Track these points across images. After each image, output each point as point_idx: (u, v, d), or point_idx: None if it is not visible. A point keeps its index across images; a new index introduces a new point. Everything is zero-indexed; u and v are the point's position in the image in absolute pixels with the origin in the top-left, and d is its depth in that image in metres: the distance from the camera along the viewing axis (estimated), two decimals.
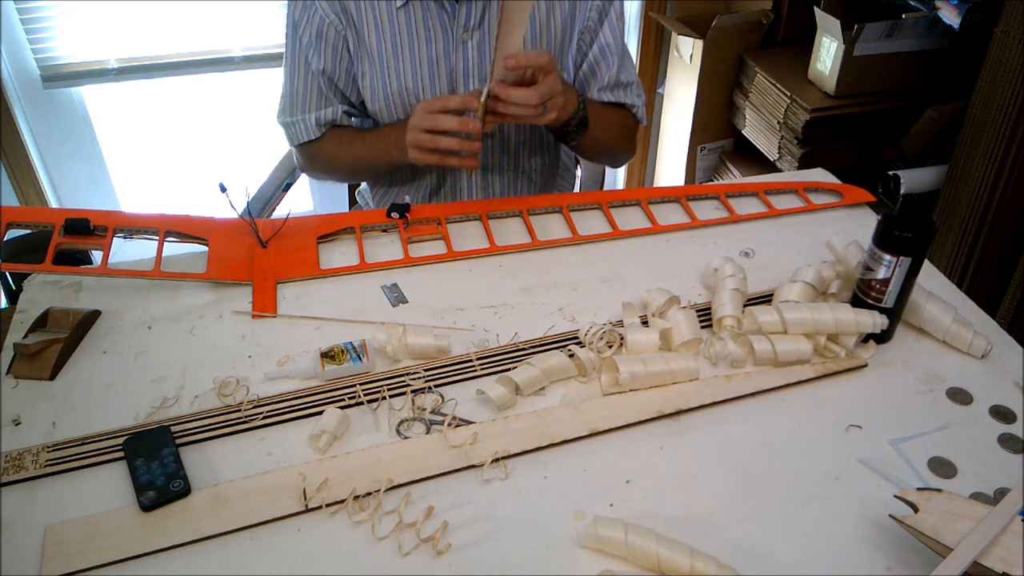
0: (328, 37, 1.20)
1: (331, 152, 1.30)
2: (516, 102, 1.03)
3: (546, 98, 1.04)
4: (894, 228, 0.89)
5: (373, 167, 1.29)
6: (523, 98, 1.02)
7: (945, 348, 0.99)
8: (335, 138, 1.29)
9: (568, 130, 1.19)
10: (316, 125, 1.27)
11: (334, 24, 1.19)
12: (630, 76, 1.31)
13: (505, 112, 1.05)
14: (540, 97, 1.03)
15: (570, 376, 0.93)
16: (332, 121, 1.27)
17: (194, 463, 0.82)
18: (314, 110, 1.26)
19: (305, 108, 1.26)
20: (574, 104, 1.16)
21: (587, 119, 1.19)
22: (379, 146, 1.23)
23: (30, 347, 0.92)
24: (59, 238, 1.04)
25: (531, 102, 1.02)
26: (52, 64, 2.08)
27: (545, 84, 1.03)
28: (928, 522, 0.69)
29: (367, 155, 1.26)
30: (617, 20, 1.27)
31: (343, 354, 0.93)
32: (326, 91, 1.25)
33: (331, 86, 1.25)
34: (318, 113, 1.26)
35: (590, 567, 0.73)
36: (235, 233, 1.13)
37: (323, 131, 1.28)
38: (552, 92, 1.05)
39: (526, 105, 1.03)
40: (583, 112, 1.18)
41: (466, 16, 1.18)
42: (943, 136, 1.94)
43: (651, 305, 1.01)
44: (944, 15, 1.85)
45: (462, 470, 0.82)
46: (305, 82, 1.25)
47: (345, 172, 1.34)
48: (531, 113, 1.05)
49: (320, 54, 1.21)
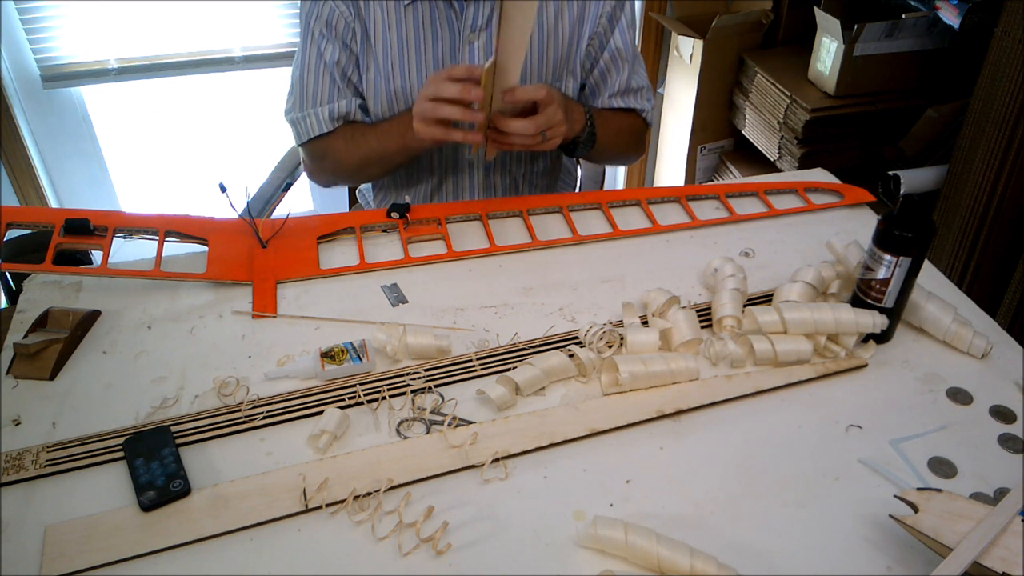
0: (338, 29, 1.19)
1: (341, 148, 1.26)
2: (513, 132, 1.05)
3: (543, 128, 1.06)
4: (894, 228, 0.89)
5: (384, 157, 1.24)
6: (521, 128, 1.04)
7: (945, 348, 0.99)
8: (346, 134, 1.25)
9: (576, 147, 1.20)
10: (329, 118, 1.23)
11: (344, 15, 1.19)
12: (641, 81, 1.31)
13: (506, 141, 1.07)
14: (537, 128, 1.05)
15: (570, 376, 0.93)
16: (346, 115, 1.24)
17: (194, 463, 0.82)
18: (327, 103, 1.23)
19: (317, 101, 1.23)
20: (581, 123, 1.16)
21: (595, 135, 1.20)
22: (392, 131, 1.20)
23: (30, 347, 0.92)
24: (59, 238, 1.04)
25: (528, 132, 1.05)
26: (52, 64, 2.08)
27: (543, 115, 1.05)
28: (928, 522, 0.69)
29: (379, 144, 1.22)
30: (628, 26, 1.27)
31: (343, 354, 0.93)
32: (339, 83, 1.23)
33: (344, 78, 1.23)
34: (331, 106, 1.23)
35: (590, 567, 0.73)
36: (235, 233, 1.13)
37: (336, 125, 1.24)
38: (551, 123, 1.06)
39: (523, 135, 1.05)
40: (591, 128, 1.19)
41: (473, 16, 1.18)
42: (943, 136, 1.94)
43: (651, 305, 1.01)
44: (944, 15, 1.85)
45: (462, 470, 0.82)
46: (317, 75, 1.22)
47: (353, 168, 1.29)
48: (531, 142, 1.07)
49: (332, 45, 1.20)
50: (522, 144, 1.08)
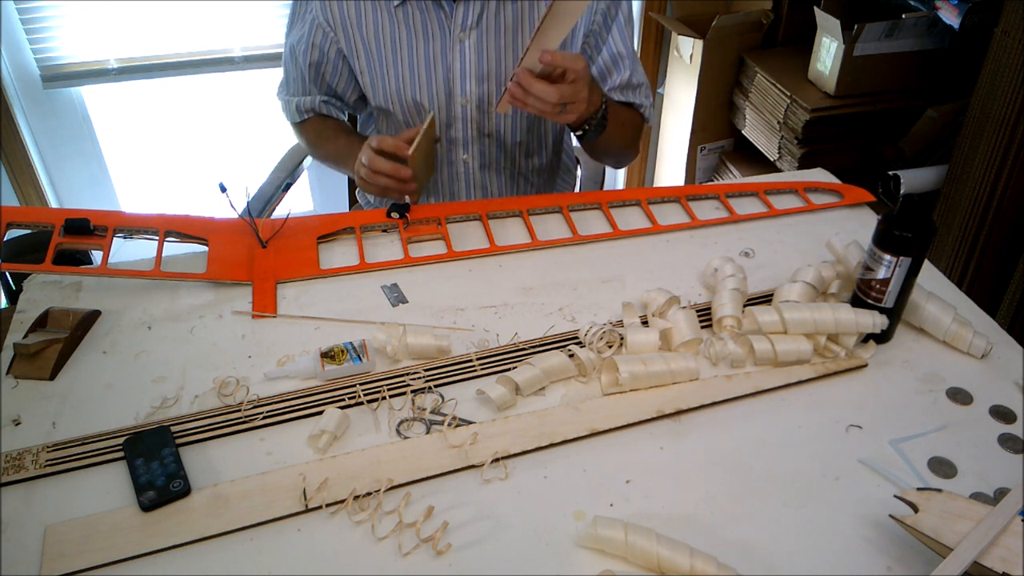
0: (315, 41, 1.25)
1: (311, 140, 1.37)
2: (535, 94, 1.02)
3: (566, 100, 1.03)
4: (894, 228, 0.89)
5: (342, 168, 1.35)
6: (542, 92, 1.01)
7: (945, 348, 0.99)
8: (316, 127, 1.36)
9: (588, 129, 1.19)
10: (297, 110, 1.35)
11: (322, 27, 1.23)
12: (640, 78, 1.32)
13: (524, 100, 1.04)
14: (560, 97, 1.02)
15: (570, 376, 0.93)
16: (312, 109, 1.35)
17: (194, 463, 0.82)
18: (297, 95, 1.34)
19: (293, 92, 1.35)
20: (596, 105, 1.15)
21: (607, 119, 1.19)
22: (346, 156, 1.28)
23: (30, 347, 0.92)
24: (59, 238, 1.04)
25: (550, 99, 1.01)
26: (52, 64, 2.08)
27: (570, 87, 1.02)
28: (928, 522, 0.69)
29: (336, 158, 1.33)
30: (626, 24, 1.27)
31: (343, 354, 0.93)
32: (308, 83, 1.31)
33: (315, 80, 1.31)
34: (299, 99, 1.34)
35: (590, 567, 0.73)
36: (235, 233, 1.13)
37: (305, 116, 1.35)
38: (575, 97, 1.04)
39: (544, 100, 1.02)
40: (604, 111, 1.18)
41: (463, 16, 1.18)
42: (943, 136, 1.94)
43: (651, 305, 1.01)
44: (944, 15, 1.85)
45: (462, 470, 0.82)
46: (293, 69, 1.32)
47: (323, 163, 1.40)
48: (548, 109, 1.04)
49: (307, 51, 1.27)
50: (537, 108, 1.04)
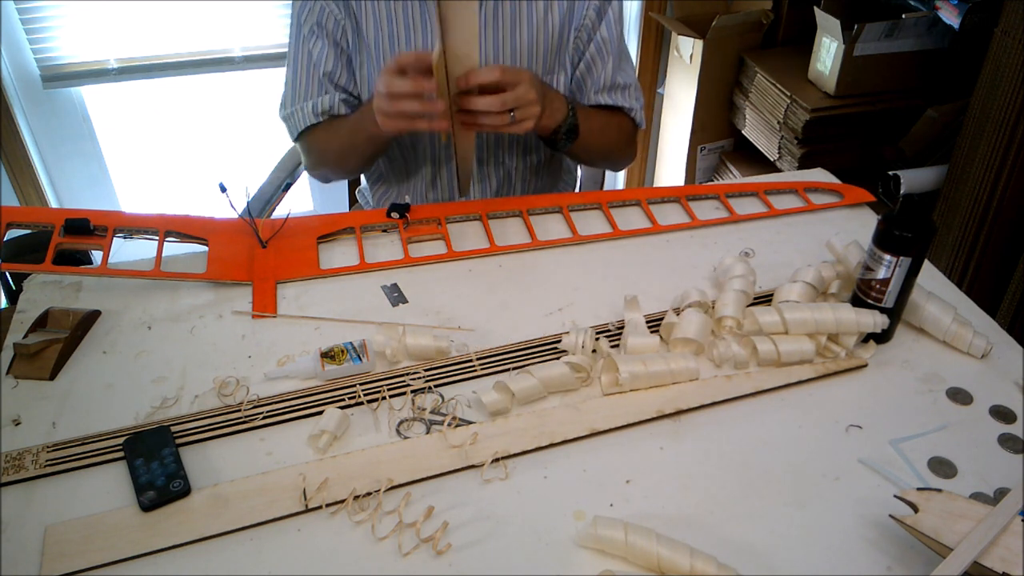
0: (328, 27, 1.21)
1: (323, 139, 1.29)
2: (479, 109, 1.01)
3: (512, 106, 1.02)
4: (894, 228, 0.89)
5: (357, 148, 1.26)
6: (487, 105, 1.01)
7: (945, 348, 0.99)
8: (328, 127, 1.28)
9: (557, 138, 1.18)
10: (313, 112, 1.26)
11: (334, 13, 1.20)
12: (627, 78, 1.31)
13: (472, 121, 1.04)
14: (503, 104, 1.01)
15: (569, 389, 0.92)
16: (329, 109, 1.26)
17: (194, 463, 0.82)
18: (312, 97, 1.26)
19: (305, 96, 1.26)
20: (562, 112, 1.15)
21: (577, 127, 1.18)
22: (359, 123, 1.21)
23: (30, 347, 0.92)
24: (59, 238, 1.04)
25: (494, 108, 1.01)
26: (52, 64, 2.08)
27: (512, 93, 1.01)
28: (928, 522, 0.69)
29: (349, 135, 1.24)
30: (615, 21, 1.27)
31: (343, 354, 0.93)
32: (324, 81, 1.25)
33: (331, 76, 1.25)
34: (315, 100, 1.26)
35: (590, 567, 0.73)
36: (235, 233, 1.13)
37: (319, 119, 1.27)
38: (521, 101, 1.03)
39: (489, 112, 1.01)
40: (572, 119, 1.17)
41: None
42: (943, 136, 1.94)
43: (685, 299, 1.00)
44: (944, 15, 1.85)
45: (462, 470, 0.82)
46: (307, 72, 1.25)
47: (334, 160, 1.32)
48: (498, 121, 1.03)
49: (322, 43, 1.22)
50: (492, 124, 1.04)
